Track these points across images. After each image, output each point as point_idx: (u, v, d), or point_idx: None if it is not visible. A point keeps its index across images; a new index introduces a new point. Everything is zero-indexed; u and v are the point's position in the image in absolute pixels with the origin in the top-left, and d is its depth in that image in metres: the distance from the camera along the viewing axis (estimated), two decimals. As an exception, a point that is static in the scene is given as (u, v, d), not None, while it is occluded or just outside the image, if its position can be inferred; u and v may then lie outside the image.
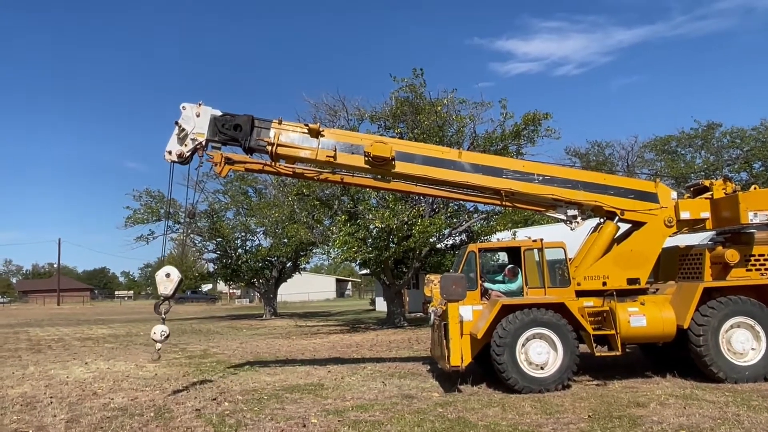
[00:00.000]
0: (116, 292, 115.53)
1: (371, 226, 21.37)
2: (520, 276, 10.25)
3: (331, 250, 22.94)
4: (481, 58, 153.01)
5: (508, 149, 21.32)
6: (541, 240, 10.21)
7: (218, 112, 10.08)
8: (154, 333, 9.57)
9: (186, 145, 9.85)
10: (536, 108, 20.69)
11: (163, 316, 9.74)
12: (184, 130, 9.81)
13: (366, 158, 10.11)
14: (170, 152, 9.84)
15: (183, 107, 9.97)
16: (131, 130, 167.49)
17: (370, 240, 22.34)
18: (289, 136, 10.22)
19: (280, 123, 10.24)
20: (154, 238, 33.53)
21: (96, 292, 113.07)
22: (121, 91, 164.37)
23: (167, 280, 9.57)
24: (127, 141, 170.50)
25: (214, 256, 36.42)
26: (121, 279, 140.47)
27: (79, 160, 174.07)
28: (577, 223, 10.61)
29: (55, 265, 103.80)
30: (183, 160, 9.86)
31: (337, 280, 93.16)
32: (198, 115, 9.94)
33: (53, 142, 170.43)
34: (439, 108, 21.04)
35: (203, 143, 9.94)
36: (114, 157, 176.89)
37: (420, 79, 21.02)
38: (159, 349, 10.03)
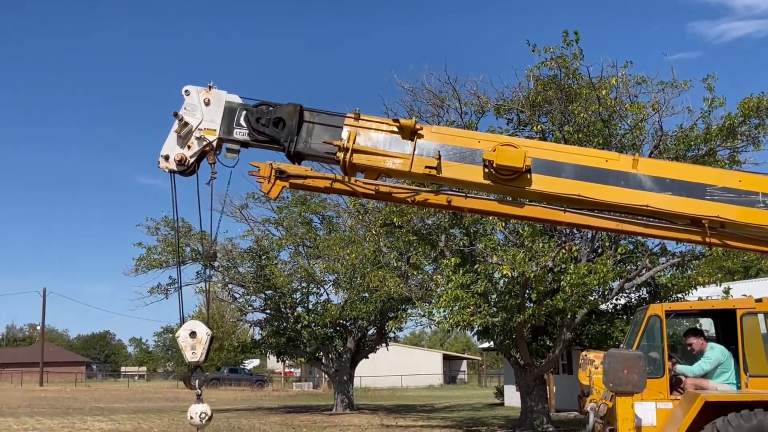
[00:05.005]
0: (123, 369, 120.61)
1: (496, 275, 21.26)
2: (715, 349, 10.06)
3: (434, 311, 22.95)
4: (676, 14, 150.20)
5: (716, 155, 20.98)
6: (771, 299, 9.92)
7: (237, 98, 10.33)
8: (192, 417, 9.86)
9: (190, 147, 10.11)
10: (763, 91, 20.07)
11: (199, 391, 10.04)
12: (187, 124, 10.11)
13: (486, 169, 10.00)
14: (167, 157, 10.00)
15: (186, 91, 10.22)
16: (145, 129, 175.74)
17: (494, 296, 22.15)
18: (371, 136, 10.29)
19: (357, 118, 10.37)
20: (177, 290, 34.72)
21: (94, 367, 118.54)
22: (125, 81, 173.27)
23: (194, 341, 9.84)
24: (141, 145, 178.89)
25: (262, 317, 37.54)
26: (130, 349, 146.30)
27: (70, 171, 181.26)
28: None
29: (38, 327, 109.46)
30: (186, 168, 10.14)
31: (446, 357, 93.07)
32: (207, 103, 10.15)
33: (23, 143, 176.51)
34: (604, 92, 20.89)
35: (215, 144, 10.22)
36: (120, 168, 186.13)
37: (573, 48, 20.92)
38: None
